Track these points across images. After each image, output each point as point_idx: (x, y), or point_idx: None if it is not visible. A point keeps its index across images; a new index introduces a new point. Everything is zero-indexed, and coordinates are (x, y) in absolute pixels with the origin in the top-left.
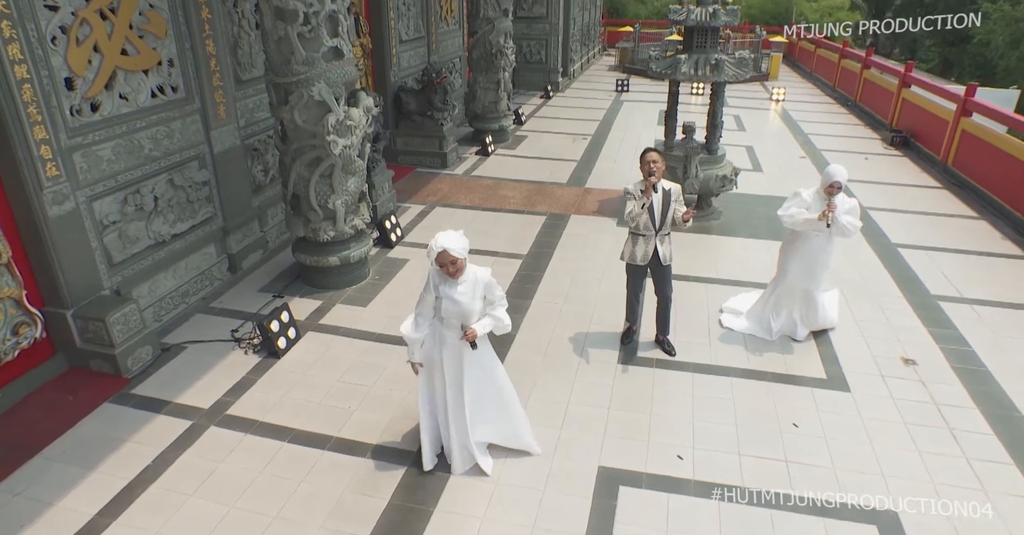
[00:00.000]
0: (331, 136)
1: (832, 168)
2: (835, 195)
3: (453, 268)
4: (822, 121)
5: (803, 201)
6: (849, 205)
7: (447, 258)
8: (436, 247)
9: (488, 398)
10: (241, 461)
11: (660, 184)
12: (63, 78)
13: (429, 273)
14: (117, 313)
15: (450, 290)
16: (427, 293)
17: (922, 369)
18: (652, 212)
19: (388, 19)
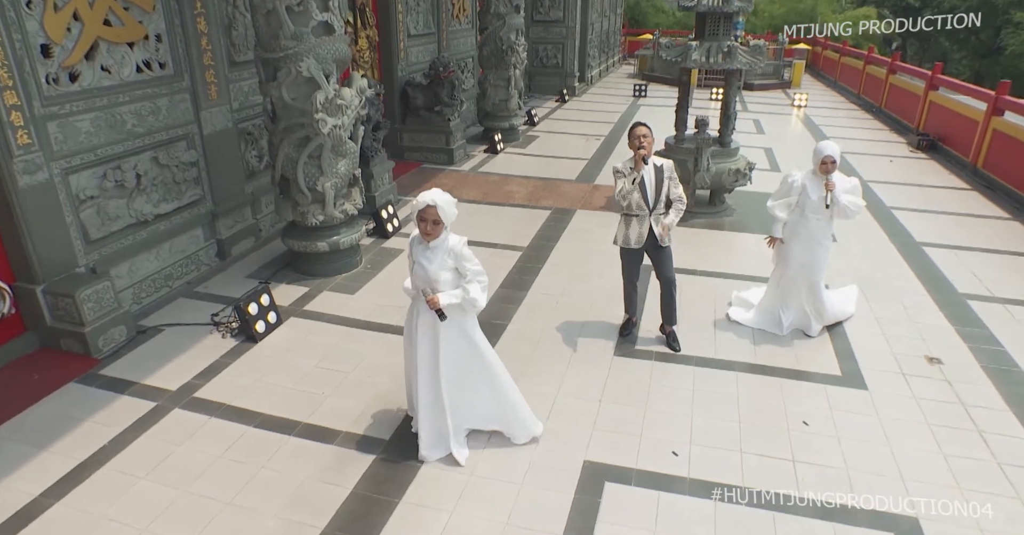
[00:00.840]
0: (319, 114)
1: (822, 143)
2: (831, 172)
3: (430, 227)
4: (845, 125)
5: (794, 188)
6: (850, 184)
7: (431, 215)
8: (424, 201)
9: (471, 379)
10: (200, 445)
11: (652, 160)
12: (39, 44)
13: (411, 239)
14: (89, 290)
15: (420, 254)
16: (408, 256)
17: (948, 368)
18: (644, 190)
19: (396, 12)
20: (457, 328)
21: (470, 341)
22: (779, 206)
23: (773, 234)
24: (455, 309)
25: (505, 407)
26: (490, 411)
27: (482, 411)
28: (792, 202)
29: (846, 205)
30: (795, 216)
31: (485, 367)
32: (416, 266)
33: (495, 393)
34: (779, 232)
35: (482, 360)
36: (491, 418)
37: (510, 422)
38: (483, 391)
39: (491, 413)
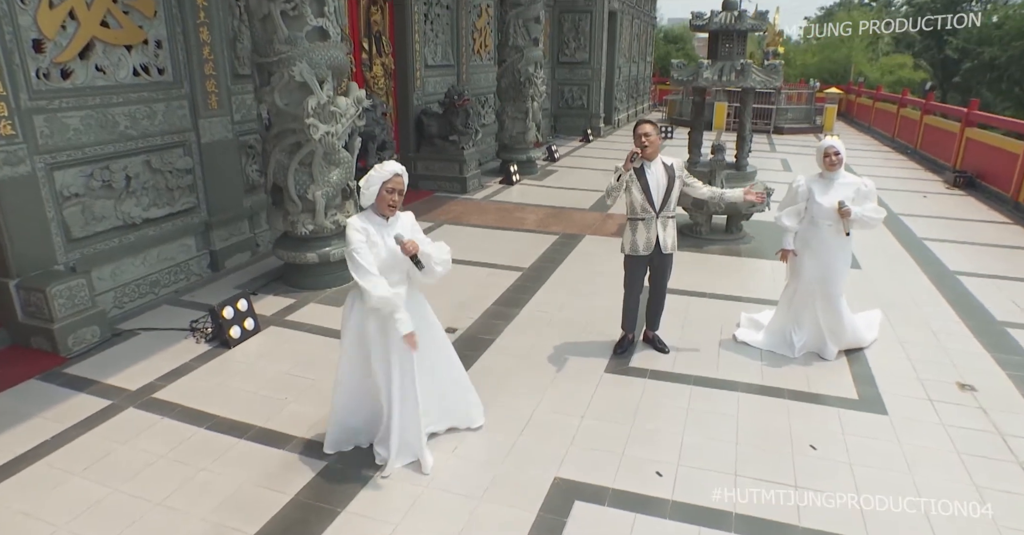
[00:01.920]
0: (311, 119)
1: (825, 139)
2: (836, 166)
3: (399, 199)
4: (877, 164)
5: (800, 193)
6: (865, 188)
7: (398, 185)
8: (391, 170)
9: (439, 368)
10: (145, 444)
11: (661, 158)
12: (31, 38)
13: (353, 222)
14: (61, 286)
15: (379, 236)
16: (363, 244)
17: (983, 395)
18: (648, 190)
19: (413, 42)
20: (418, 313)
21: (428, 323)
22: (787, 215)
23: (784, 246)
24: (426, 265)
25: (466, 392)
26: (453, 401)
27: (447, 402)
28: (800, 210)
29: (864, 216)
30: (805, 224)
31: (444, 352)
32: (378, 251)
33: (454, 378)
34: (790, 243)
35: (440, 343)
36: (453, 409)
37: (467, 408)
38: (446, 380)
39: (454, 404)
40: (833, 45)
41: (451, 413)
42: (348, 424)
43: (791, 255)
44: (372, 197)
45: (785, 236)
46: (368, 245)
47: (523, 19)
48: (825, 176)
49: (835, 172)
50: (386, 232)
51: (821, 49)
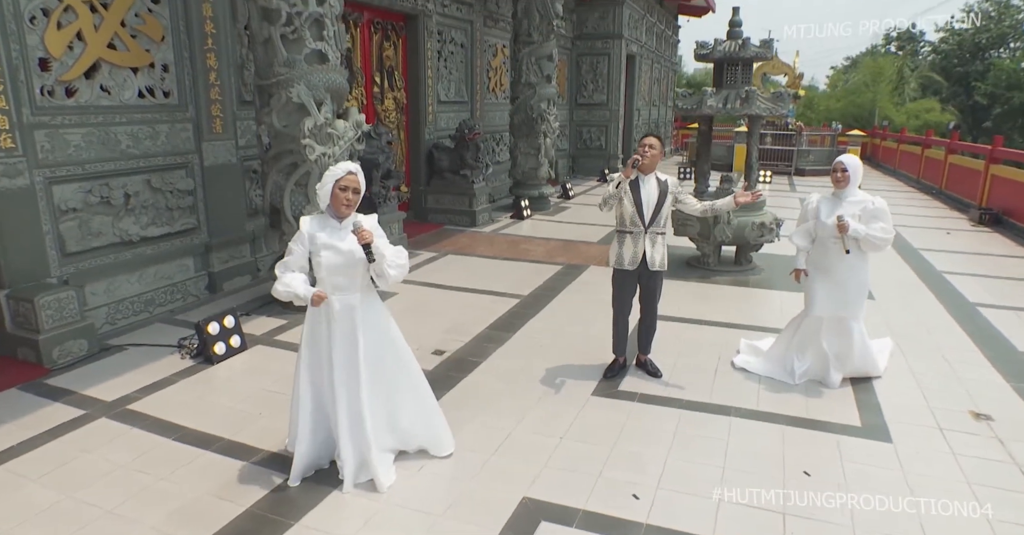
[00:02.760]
0: (307, 140)
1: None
2: (842, 183)
3: (351, 196)
4: (901, 204)
5: (809, 211)
6: (873, 207)
7: (352, 183)
8: (345, 168)
9: (394, 385)
10: (110, 453)
11: (656, 174)
12: (37, 57)
13: (302, 223)
14: (50, 297)
15: (334, 237)
16: (298, 245)
17: (1000, 425)
18: (639, 204)
19: (426, 77)
20: (374, 324)
21: (390, 339)
22: (797, 233)
23: (796, 266)
24: (378, 263)
25: (431, 415)
26: (413, 423)
27: (406, 422)
28: (811, 228)
29: (870, 236)
30: (816, 245)
31: (406, 370)
32: (327, 254)
33: (418, 400)
34: (802, 263)
35: (404, 362)
36: (415, 432)
37: (435, 433)
38: (407, 399)
39: (415, 426)
40: (858, 90)
41: (415, 435)
42: (311, 451)
43: (803, 275)
44: (327, 197)
45: (797, 255)
46: (298, 246)
47: (535, 57)
48: (836, 194)
49: (844, 190)
50: (341, 234)
51: (846, 94)
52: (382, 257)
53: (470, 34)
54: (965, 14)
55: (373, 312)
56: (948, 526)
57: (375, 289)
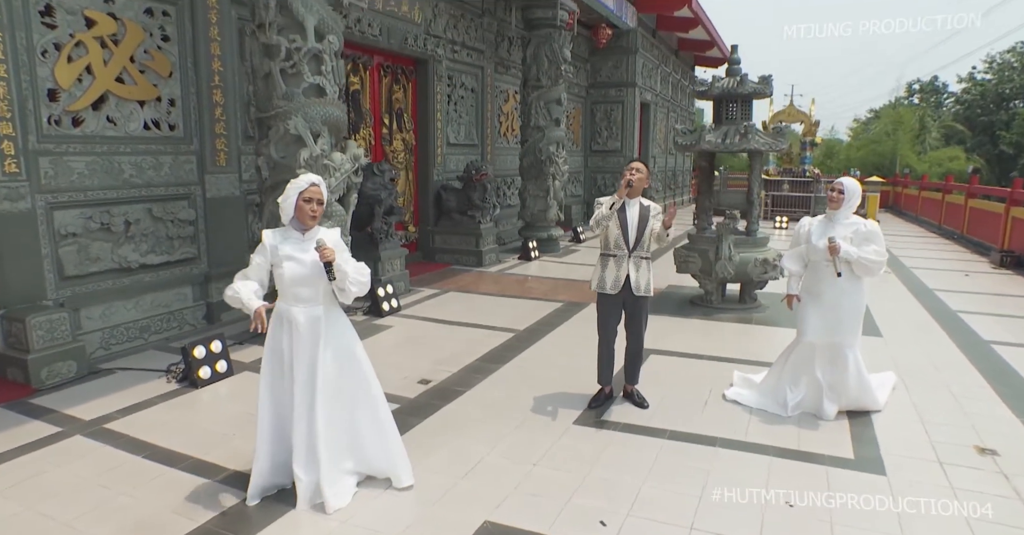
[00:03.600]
0: (302, 170)
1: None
2: (837, 204)
3: (316, 207)
4: (920, 248)
5: (801, 234)
6: (866, 229)
7: (316, 194)
8: (308, 180)
9: (353, 404)
10: (78, 468)
11: (640, 200)
12: (47, 88)
13: (264, 235)
14: (41, 317)
15: (294, 250)
16: (259, 256)
17: (1006, 460)
18: (625, 227)
19: (435, 120)
20: (337, 338)
21: (353, 355)
22: (789, 257)
23: (788, 291)
24: (339, 279)
25: (390, 443)
26: (373, 446)
27: (368, 445)
28: (803, 252)
29: (862, 259)
30: (808, 270)
31: (367, 391)
32: (290, 266)
33: (377, 423)
34: (794, 288)
35: (365, 382)
36: (378, 457)
37: (395, 461)
38: (366, 420)
39: (375, 450)
40: (879, 139)
41: (371, 460)
42: (271, 469)
43: (795, 301)
44: (291, 210)
45: (789, 280)
46: (260, 257)
47: (544, 101)
48: (829, 216)
49: (837, 212)
50: (304, 246)
51: (867, 143)
52: (344, 275)
53: (481, 79)
54: (987, 65)
55: (337, 326)
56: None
57: (338, 303)
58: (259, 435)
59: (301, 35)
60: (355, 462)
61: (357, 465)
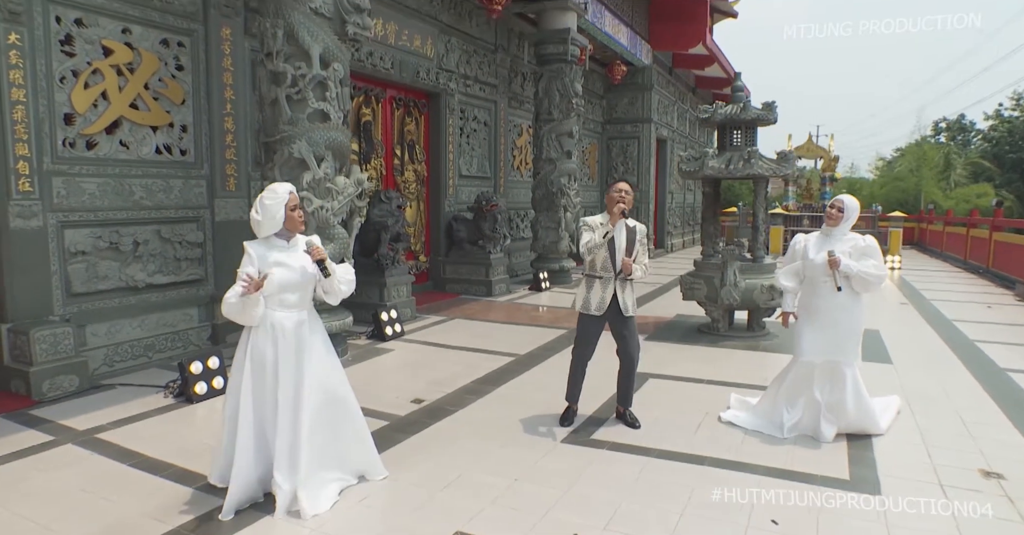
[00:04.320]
0: (304, 192)
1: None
2: (835, 221)
3: (303, 216)
4: (943, 282)
5: (797, 250)
6: (864, 244)
7: (295, 201)
8: (282, 194)
9: (337, 413)
10: (63, 474)
11: (624, 221)
12: (63, 112)
13: (248, 247)
14: (45, 331)
15: (284, 254)
16: (251, 267)
17: (1013, 484)
18: (613, 250)
19: (447, 152)
20: (319, 344)
21: (332, 360)
22: (784, 274)
23: (784, 308)
24: (333, 281)
25: (363, 442)
26: (351, 448)
27: (348, 448)
28: (798, 268)
29: (862, 273)
30: (805, 286)
31: (344, 394)
32: (279, 271)
33: (353, 426)
34: (790, 305)
35: (342, 386)
36: (355, 458)
37: (368, 458)
38: (346, 422)
39: (353, 451)
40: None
41: (354, 462)
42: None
43: (791, 319)
44: (280, 222)
45: (784, 297)
46: (264, 267)
47: (556, 133)
48: (825, 232)
49: (835, 229)
50: (289, 252)
51: (890, 180)
52: (335, 272)
53: (494, 113)
54: (1015, 102)
55: (318, 332)
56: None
57: (315, 311)
58: (239, 449)
59: (307, 62)
60: (339, 466)
61: (341, 470)
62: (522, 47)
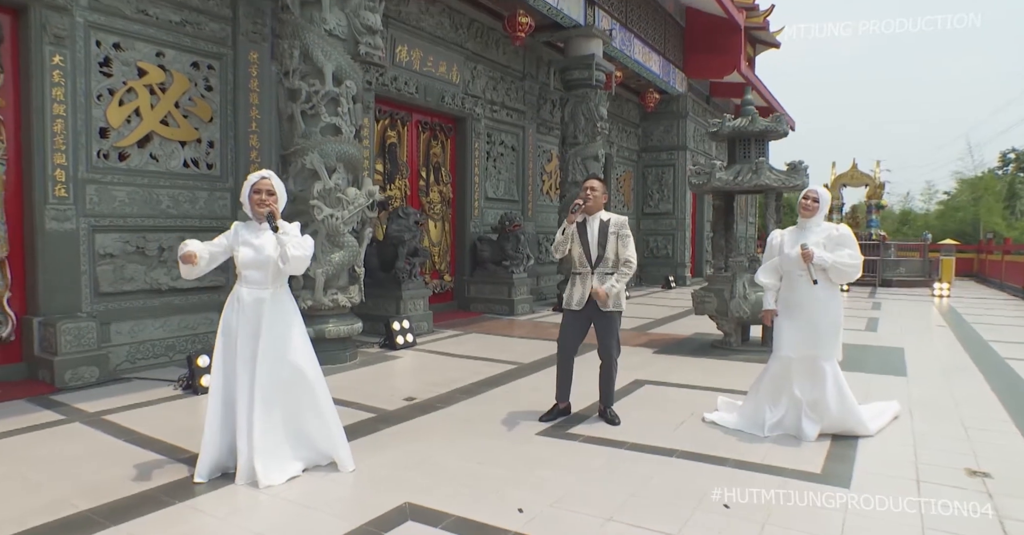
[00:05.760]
0: (315, 200)
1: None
2: (811, 211)
3: (269, 198)
4: (991, 308)
5: (773, 246)
6: (838, 233)
7: (265, 186)
8: (259, 174)
9: (293, 391)
10: (65, 446)
11: (600, 214)
12: (98, 127)
13: (235, 224)
14: (71, 324)
15: (250, 237)
16: (223, 237)
17: (998, 482)
18: (587, 244)
19: (472, 175)
20: (279, 320)
21: (291, 338)
22: (763, 271)
23: (765, 306)
24: (282, 239)
25: (331, 427)
26: (316, 430)
27: (310, 429)
28: (776, 265)
29: (837, 263)
30: (783, 282)
31: (303, 374)
32: (244, 250)
33: (316, 408)
34: (771, 302)
35: (303, 366)
36: (322, 443)
37: (336, 445)
38: (306, 403)
39: (317, 434)
40: (961, 207)
41: (317, 447)
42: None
43: (773, 316)
44: (247, 201)
45: (765, 295)
46: (235, 244)
47: (581, 157)
48: (800, 225)
49: (810, 220)
50: (259, 234)
51: (948, 211)
52: (287, 234)
53: (522, 138)
54: None
55: (280, 310)
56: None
57: (287, 289)
58: (208, 415)
59: (320, 80)
60: (300, 449)
61: (303, 452)
62: (550, 74)
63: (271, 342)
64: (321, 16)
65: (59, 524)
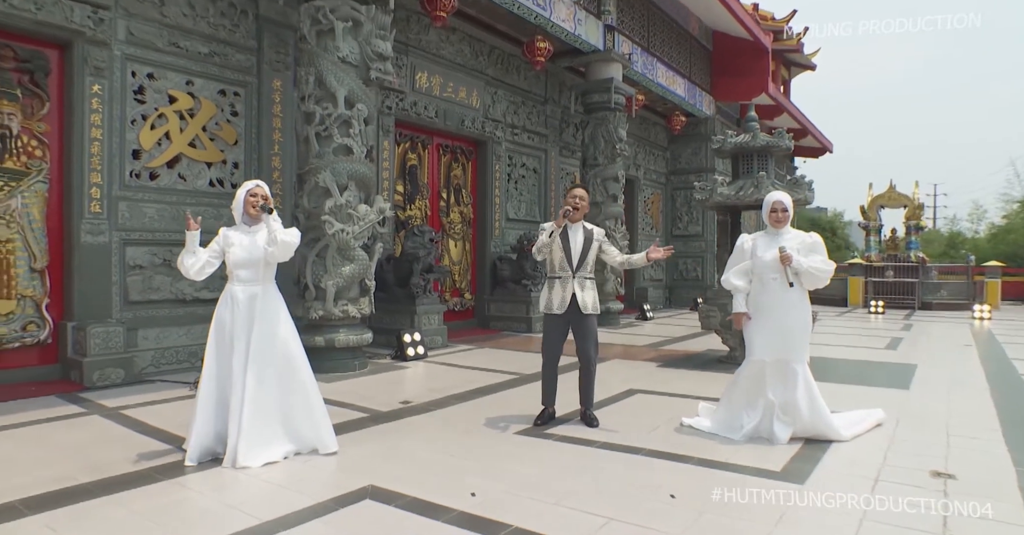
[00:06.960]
0: (326, 216)
1: (772, 193)
2: (782, 222)
3: (264, 201)
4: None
5: (744, 250)
6: (811, 240)
7: (260, 191)
8: (249, 184)
9: (282, 380)
10: (77, 433)
11: (583, 224)
12: (131, 149)
13: (222, 229)
14: (100, 328)
15: (242, 237)
16: (215, 242)
17: (961, 484)
18: (568, 249)
19: (493, 196)
20: (269, 314)
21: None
22: (734, 273)
23: (735, 309)
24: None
25: (316, 413)
26: (302, 419)
27: (297, 417)
28: (747, 268)
29: (812, 268)
30: (754, 285)
31: (292, 364)
32: (235, 250)
33: (304, 395)
34: (742, 305)
35: (291, 356)
36: (304, 430)
37: (319, 432)
38: (295, 393)
39: (303, 423)
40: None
41: (301, 437)
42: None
43: (745, 319)
44: (240, 206)
45: (735, 297)
46: (226, 246)
47: (601, 178)
48: (770, 232)
49: (780, 229)
50: (249, 236)
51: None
52: (277, 219)
53: (544, 161)
54: None
55: (270, 304)
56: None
57: (274, 283)
58: (200, 399)
59: (333, 103)
60: (284, 436)
61: (286, 440)
62: (572, 98)
63: (262, 333)
64: (335, 44)
65: (60, 492)
